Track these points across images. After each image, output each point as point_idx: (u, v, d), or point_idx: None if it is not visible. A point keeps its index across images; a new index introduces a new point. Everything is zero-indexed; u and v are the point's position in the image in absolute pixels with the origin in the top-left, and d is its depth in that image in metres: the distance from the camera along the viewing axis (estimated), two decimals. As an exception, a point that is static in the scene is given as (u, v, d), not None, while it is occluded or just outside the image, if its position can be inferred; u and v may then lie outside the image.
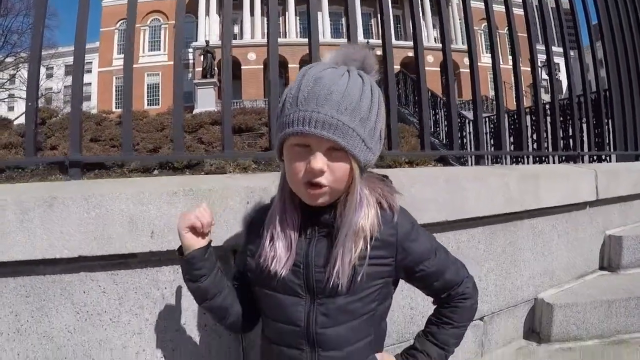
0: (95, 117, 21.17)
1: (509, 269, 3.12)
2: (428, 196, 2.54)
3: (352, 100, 1.34)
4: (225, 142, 2.64)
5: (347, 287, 1.44)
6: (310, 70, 1.41)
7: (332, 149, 1.34)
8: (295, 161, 1.37)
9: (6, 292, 1.88)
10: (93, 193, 1.88)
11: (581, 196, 3.66)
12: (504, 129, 4.00)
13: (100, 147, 15.60)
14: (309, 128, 1.31)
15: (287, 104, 1.39)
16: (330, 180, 1.36)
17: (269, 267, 1.46)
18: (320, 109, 1.31)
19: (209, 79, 39.71)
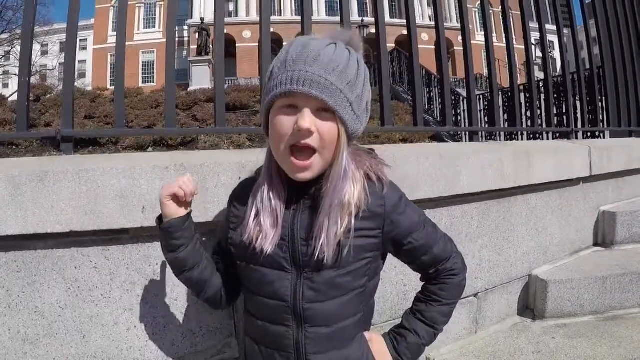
0: (90, 94, 21.10)
1: (503, 245, 3.13)
2: (421, 172, 2.52)
3: (340, 64, 1.34)
4: (218, 118, 2.62)
5: (333, 260, 1.42)
6: (298, 38, 1.42)
7: (320, 110, 1.33)
8: (282, 122, 1.35)
9: (-3, 268, 1.87)
10: (85, 167, 1.86)
11: (575, 172, 3.66)
12: (497, 105, 3.98)
13: (95, 124, 15.56)
14: (297, 86, 1.29)
15: (275, 69, 1.38)
16: (318, 144, 1.34)
17: (254, 243, 1.45)
18: (308, 68, 1.30)
19: (203, 57, 39.65)
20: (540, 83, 5.45)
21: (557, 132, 4.81)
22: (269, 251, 1.43)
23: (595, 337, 2.92)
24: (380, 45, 3.18)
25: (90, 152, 11.85)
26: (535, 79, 4.42)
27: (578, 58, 4.79)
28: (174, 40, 2.70)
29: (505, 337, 3.01)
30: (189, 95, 19.18)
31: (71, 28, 2.44)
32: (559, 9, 4.58)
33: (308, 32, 2.87)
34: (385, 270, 2.37)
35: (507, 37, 4.04)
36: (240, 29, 59.97)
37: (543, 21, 4.40)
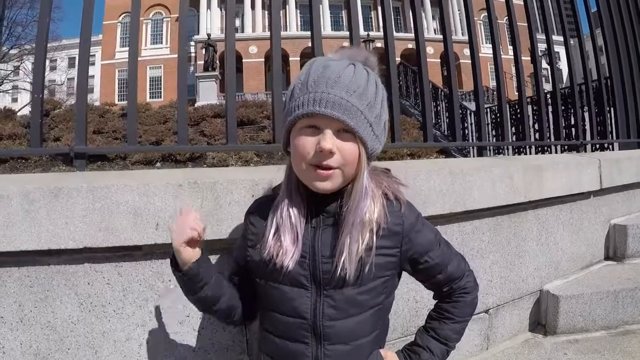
0: (98, 109, 21.23)
1: (514, 260, 3.12)
2: (432, 188, 2.53)
3: (360, 85, 1.37)
4: (229, 135, 2.64)
5: (354, 278, 1.43)
6: (318, 59, 1.45)
7: (341, 131, 1.36)
8: (304, 143, 1.37)
9: (10, 282, 1.89)
10: (98, 184, 1.88)
11: (585, 186, 3.64)
12: (506, 119, 3.97)
13: (103, 139, 15.65)
14: (320, 108, 1.33)
15: (296, 90, 1.40)
16: (340, 163, 1.37)
17: (274, 259, 1.45)
18: (330, 90, 1.33)
19: (210, 72, 39.68)
20: (548, 95, 5.43)
21: (566, 145, 4.80)
22: (289, 268, 1.44)
23: (608, 353, 2.89)
24: (390, 62, 3.18)
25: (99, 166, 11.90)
26: (543, 91, 4.41)
27: (586, 69, 4.77)
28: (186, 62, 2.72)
29: (517, 353, 2.98)
30: (197, 110, 19.24)
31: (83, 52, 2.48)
32: (565, 19, 4.59)
33: (318, 49, 2.90)
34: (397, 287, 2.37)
35: (515, 49, 4.04)
36: (247, 44, 60.20)
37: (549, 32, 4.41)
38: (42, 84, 2.47)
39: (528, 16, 4.30)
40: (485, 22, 56.70)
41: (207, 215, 1.95)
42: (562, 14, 4.58)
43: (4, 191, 1.82)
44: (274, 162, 13.04)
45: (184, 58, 2.70)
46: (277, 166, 1.78)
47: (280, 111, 1.96)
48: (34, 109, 2.41)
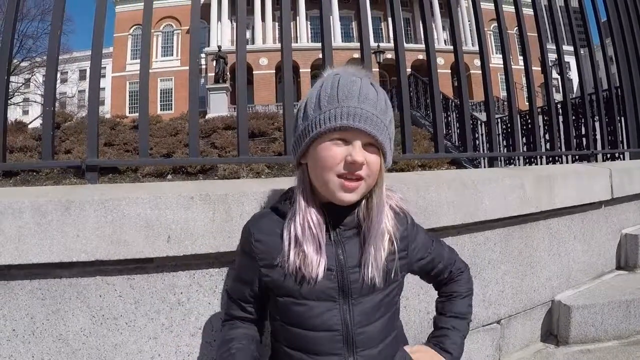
0: (109, 121, 21.42)
1: (525, 270, 3.10)
2: (444, 199, 2.53)
3: (382, 102, 1.45)
4: (241, 147, 2.65)
5: (382, 283, 1.52)
6: (339, 73, 1.50)
7: (367, 144, 1.42)
8: (334, 154, 1.42)
9: (22, 295, 1.89)
10: (110, 197, 1.88)
11: (596, 195, 3.63)
12: (517, 130, 3.96)
13: (114, 152, 15.75)
14: (354, 122, 1.38)
15: (324, 102, 1.43)
16: (367, 174, 1.43)
17: (300, 272, 1.48)
18: (362, 105, 1.40)
19: (221, 84, 39.93)
20: (558, 105, 5.41)
21: (577, 155, 4.78)
22: (318, 277, 1.47)
23: (620, 363, 2.87)
24: (401, 75, 3.20)
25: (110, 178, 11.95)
26: (554, 101, 4.39)
27: (596, 78, 4.77)
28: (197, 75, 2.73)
29: (529, 364, 2.97)
30: (208, 122, 19.39)
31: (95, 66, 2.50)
32: (575, 29, 4.57)
33: (329, 60, 2.91)
34: (409, 298, 2.37)
35: (525, 59, 4.03)
36: (257, 56, 60.55)
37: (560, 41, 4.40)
38: (54, 97, 2.49)
39: (538, 26, 4.30)
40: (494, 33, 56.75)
41: (219, 227, 1.96)
42: (572, 23, 4.57)
43: (15, 204, 1.82)
44: (285, 173, 13.08)
45: (195, 70, 2.71)
46: (287, 178, 1.79)
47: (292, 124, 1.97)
48: (46, 122, 2.43)
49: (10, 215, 1.81)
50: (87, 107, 2.51)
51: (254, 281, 1.60)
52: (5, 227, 1.80)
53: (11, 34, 2.46)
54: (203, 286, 2.04)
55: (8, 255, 1.80)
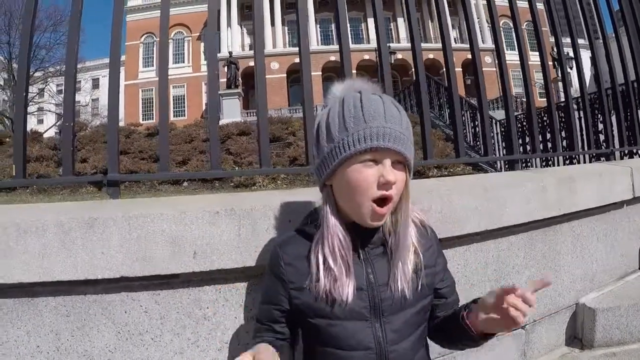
0: (124, 129, 21.65)
1: (550, 274, 3.06)
2: (467, 206, 2.51)
3: (405, 119, 1.45)
4: (263, 158, 2.64)
5: (412, 299, 1.52)
6: (358, 94, 1.48)
7: (394, 162, 1.42)
8: (366, 176, 1.41)
9: (46, 312, 1.89)
10: (134, 214, 1.88)
11: (618, 195, 3.57)
12: (536, 130, 3.90)
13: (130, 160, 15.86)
14: (384, 142, 1.38)
15: (350, 123, 1.42)
16: (395, 193, 1.43)
17: (331, 295, 1.47)
18: (390, 125, 1.40)
19: (233, 90, 40.01)
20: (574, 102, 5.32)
21: (595, 153, 4.73)
22: (349, 300, 1.46)
23: (646, 365, 2.84)
24: (420, 83, 3.19)
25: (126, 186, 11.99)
26: (571, 98, 4.33)
27: (612, 71, 4.68)
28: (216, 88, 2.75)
29: (554, 368, 2.94)
30: (222, 129, 19.48)
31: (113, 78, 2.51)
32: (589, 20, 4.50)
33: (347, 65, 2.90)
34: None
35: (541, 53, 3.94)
36: (268, 60, 60.78)
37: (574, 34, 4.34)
38: (73, 112, 2.51)
39: (552, 18, 4.25)
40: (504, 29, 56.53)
41: (245, 242, 1.95)
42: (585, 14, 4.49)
43: (39, 222, 1.83)
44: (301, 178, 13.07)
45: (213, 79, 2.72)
46: (309, 188, 1.78)
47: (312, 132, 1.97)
48: (65, 138, 2.45)
49: (34, 233, 1.82)
50: (107, 123, 2.53)
51: (284, 302, 1.59)
52: (29, 245, 1.81)
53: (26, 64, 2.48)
54: (229, 300, 2.03)
55: (32, 273, 1.81)
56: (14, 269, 1.80)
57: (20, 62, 2.52)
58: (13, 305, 1.88)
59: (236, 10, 66.08)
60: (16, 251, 1.80)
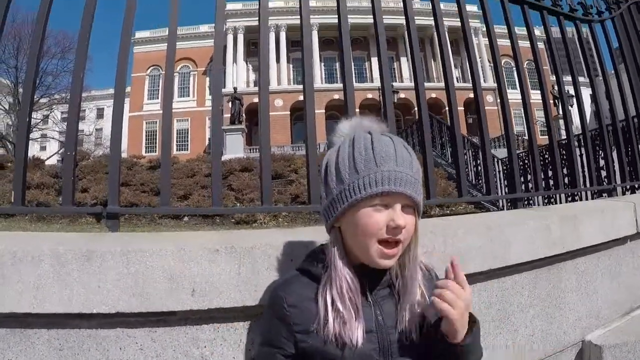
0: (126, 161, 21.78)
1: (554, 312, 3.03)
2: (470, 245, 2.49)
3: (415, 162, 1.45)
4: (264, 196, 2.63)
5: (418, 341, 1.50)
6: (371, 134, 1.49)
7: (404, 206, 1.42)
8: (376, 220, 1.41)
9: (39, 344, 1.86)
10: (132, 248, 1.86)
11: (621, 231, 3.56)
12: (539, 168, 3.90)
13: (131, 192, 15.92)
14: (395, 186, 1.39)
15: (360, 165, 1.43)
16: (405, 237, 1.43)
17: (340, 338, 1.44)
18: (400, 168, 1.40)
19: (237, 125, 40.42)
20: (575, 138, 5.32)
21: (599, 190, 4.71)
22: (359, 343, 1.44)
23: (655, 401, 2.79)
24: (423, 122, 3.19)
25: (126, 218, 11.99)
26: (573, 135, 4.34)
27: (613, 107, 4.69)
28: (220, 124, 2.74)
29: (562, 409, 2.88)
30: (224, 164, 19.63)
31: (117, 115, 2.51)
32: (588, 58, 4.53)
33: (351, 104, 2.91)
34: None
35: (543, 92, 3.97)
36: (272, 97, 61.45)
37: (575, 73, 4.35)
38: (75, 142, 2.51)
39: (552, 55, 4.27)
40: (506, 68, 57.15)
41: (245, 281, 1.92)
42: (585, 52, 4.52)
43: (35, 251, 1.81)
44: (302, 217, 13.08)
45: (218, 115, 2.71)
46: (312, 227, 1.76)
47: (315, 172, 1.95)
48: (66, 168, 2.43)
49: (30, 262, 1.80)
50: (109, 156, 2.52)
51: (288, 345, 1.55)
52: (24, 275, 1.79)
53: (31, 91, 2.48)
54: (227, 340, 1.98)
55: (26, 304, 1.78)
56: (7, 298, 1.77)
57: (25, 88, 2.53)
58: (4, 335, 1.84)
59: (242, 46, 67.07)
60: (10, 280, 1.78)
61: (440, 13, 3.49)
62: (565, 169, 5.08)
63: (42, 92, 48.20)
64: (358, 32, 65.78)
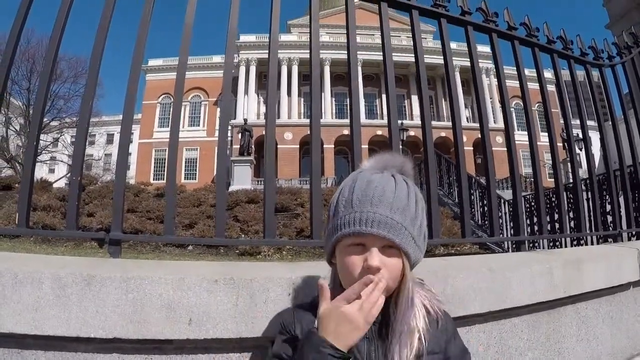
0: (134, 187, 21.86)
1: (554, 358, 2.99)
2: (471, 287, 2.48)
3: (402, 201, 1.44)
4: (267, 229, 2.64)
5: None
6: (360, 175, 1.52)
7: (385, 247, 1.42)
8: (352, 260, 1.43)
9: (35, 365, 1.85)
10: (132, 275, 1.87)
11: (625, 277, 3.53)
12: (544, 211, 3.90)
13: (137, 219, 15.92)
14: (366, 227, 1.39)
15: (341, 207, 1.47)
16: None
17: None
18: (375, 209, 1.40)
19: (245, 157, 40.56)
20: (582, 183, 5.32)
21: (604, 235, 4.69)
22: None
23: None
24: (429, 161, 3.21)
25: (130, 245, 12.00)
26: (579, 180, 4.34)
27: (621, 152, 4.70)
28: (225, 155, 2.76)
29: None
30: (231, 195, 19.77)
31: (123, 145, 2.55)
32: (598, 103, 4.55)
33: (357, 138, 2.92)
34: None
35: (550, 136, 3.99)
36: (282, 130, 61.83)
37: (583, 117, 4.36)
38: (82, 167, 2.53)
39: (561, 100, 4.29)
40: (515, 109, 57.38)
41: (242, 313, 1.92)
42: (595, 97, 4.55)
43: (36, 273, 1.83)
44: (306, 250, 13.04)
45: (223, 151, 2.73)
46: (314, 262, 1.77)
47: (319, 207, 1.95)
48: (72, 192, 2.46)
49: (30, 284, 1.81)
50: (114, 182, 2.54)
51: None
52: (24, 296, 1.80)
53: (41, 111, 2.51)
54: (223, 371, 1.99)
55: (24, 324, 1.79)
56: (6, 318, 1.78)
57: (34, 109, 2.57)
58: (2, 355, 1.85)
59: (254, 78, 67.57)
60: (10, 300, 1.79)
61: (450, 52, 3.54)
62: (571, 212, 5.07)
63: (54, 115, 48.73)
64: (370, 68, 66.45)
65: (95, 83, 2.58)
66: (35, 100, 2.67)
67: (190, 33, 2.73)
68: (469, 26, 3.59)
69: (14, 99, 48.84)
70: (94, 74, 2.56)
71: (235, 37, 2.85)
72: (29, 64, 47.76)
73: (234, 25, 2.83)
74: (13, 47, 2.51)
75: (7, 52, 2.50)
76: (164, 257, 12.94)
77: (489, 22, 3.68)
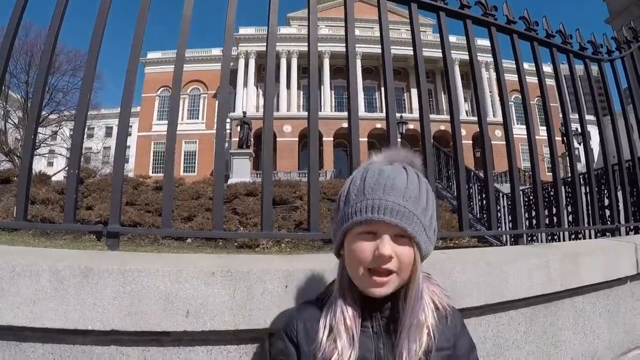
0: (132, 180, 21.84)
1: (550, 350, 2.99)
2: (469, 280, 2.49)
3: (414, 191, 1.43)
4: (264, 222, 2.64)
5: None
6: (371, 165, 1.51)
7: (397, 236, 1.41)
8: (362, 247, 1.42)
9: (33, 358, 1.87)
10: (130, 267, 1.87)
11: (622, 271, 3.54)
12: (541, 207, 3.90)
13: (136, 211, 15.92)
14: (378, 215, 1.38)
15: (352, 195, 1.46)
16: (397, 267, 1.41)
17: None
18: (387, 197, 1.40)
19: (244, 150, 40.52)
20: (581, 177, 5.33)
21: (602, 229, 4.70)
22: None
23: None
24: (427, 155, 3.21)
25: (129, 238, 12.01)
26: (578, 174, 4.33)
27: (619, 147, 4.70)
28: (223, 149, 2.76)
29: None
30: (230, 188, 19.76)
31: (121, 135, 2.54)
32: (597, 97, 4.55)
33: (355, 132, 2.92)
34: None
35: (549, 131, 3.99)
36: (281, 123, 61.63)
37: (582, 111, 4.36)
38: (79, 161, 2.53)
39: (560, 94, 4.29)
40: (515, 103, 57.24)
41: (239, 305, 1.92)
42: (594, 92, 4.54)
43: (34, 267, 1.83)
44: (304, 243, 13.04)
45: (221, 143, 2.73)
46: (311, 254, 1.77)
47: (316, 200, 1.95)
48: (69, 185, 2.46)
49: (28, 277, 1.81)
50: (112, 176, 2.54)
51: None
52: (22, 289, 1.81)
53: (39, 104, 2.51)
54: (220, 362, 1.99)
55: (22, 317, 1.80)
56: (4, 311, 1.79)
57: (32, 102, 2.57)
58: (0, 347, 1.85)
59: (253, 71, 67.34)
60: (8, 293, 1.79)
61: (448, 45, 3.53)
62: (569, 206, 5.07)
63: (52, 108, 48.59)
64: (369, 61, 66.30)
65: (93, 75, 2.57)
66: (33, 93, 2.66)
67: (189, 25, 2.72)
68: (468, 20, 3.59)
69: (12, 92, 48.75)
70: (91, 67, 2.56)
71: (233, 30, 2.83)
72: (28, 57, 47.66)
73: (232, 17, 2.82)
74: (11, 40, 2.51)
75: (4, 44, 2.49)
76: (162, 249, 12.96)
77: (487, 15, 3.68)
